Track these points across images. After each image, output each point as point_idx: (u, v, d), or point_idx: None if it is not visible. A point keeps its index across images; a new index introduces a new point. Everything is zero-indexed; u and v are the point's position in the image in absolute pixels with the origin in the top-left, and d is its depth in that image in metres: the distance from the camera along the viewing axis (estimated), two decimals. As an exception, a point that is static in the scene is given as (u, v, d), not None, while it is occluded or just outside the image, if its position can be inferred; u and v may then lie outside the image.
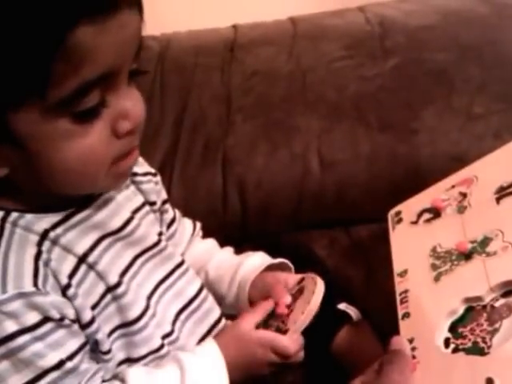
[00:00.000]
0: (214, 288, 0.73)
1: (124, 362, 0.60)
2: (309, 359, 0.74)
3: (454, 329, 0.56)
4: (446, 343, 0.55)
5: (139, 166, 0.68)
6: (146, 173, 0.70)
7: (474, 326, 0.55)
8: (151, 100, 1.09)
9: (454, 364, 0.52)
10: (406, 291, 0.63)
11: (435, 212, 0.72)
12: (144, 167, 0.70)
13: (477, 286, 0.57)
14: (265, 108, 1.07)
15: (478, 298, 0.57)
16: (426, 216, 0.73)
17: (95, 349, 0.56)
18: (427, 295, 0.61)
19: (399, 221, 0.77)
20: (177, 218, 0.76)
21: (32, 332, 0.50)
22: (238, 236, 0.75)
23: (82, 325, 0.55)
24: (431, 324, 0.57)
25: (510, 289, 0.55)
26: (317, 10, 1.26)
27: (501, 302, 0.55)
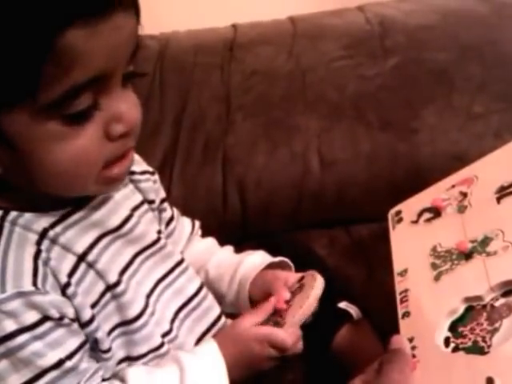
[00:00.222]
0: (214, 287, 0.73)
1: (124, 361, 0.60)
2: (309, 357, 0.74)
3: (454, 328, 0.56)
4: (446, 342, 0.55)
5: (137, 165, 0.68)
6: (143, 171, 0.69)
7: (474, 326, 0.55)
8: (150, 99, 1.09)
9: (454, 363, 0.52)
10: (406, 290, 0.63)
11: (435, 211, 0.72)
12: (142, 166, 0.70)
13: (477, 285, 0.57)
14: (265, 107, 1.07)
15: (478, 298, 0.57)
16: (427, 215, 0.73)
17: (95, 347, 0.56)
18: (427, 294, 0.61)
19: (399, 220, 0.77)
20: (175, 217, 0.76)
21: (31, 331, 0.50)
22: (237, 235, 0.75)
23: (82, 323, 0.55)
24: (431, 323, 0.57)
25: (510, 288, 0.55)
26: (316, 9, 1.26)
27: (501, 301, 0.55)
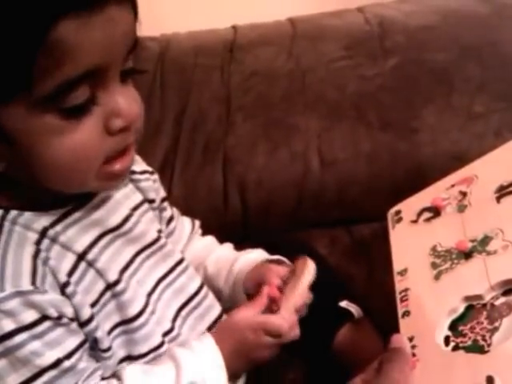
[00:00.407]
0: (213, 283, 0.73)
1: (125, 360, 0.60)
2: (310, 357, 0.74)
3: (454, 327, 0.56)
4: (446, 341, 0.55)
5: (137, 165, 0.68)
6: (143, 171, 0.70)
7: (474, 325, 0.55)
8: (151, 100, 1.09)
9: (454, 362, 0.52)
10: (406, 290, 0.63)
11: (435, 211, 0.73)
12: (141, 166, 0.70)
13: (477, 284, 0.58)
14: (265, 108, 1.07)
15: (478, 297, 0.57)
16: (426, 215, 0.73)
17: (94, 347, 0.56)
18: (427, 294, 0.61)
19: (399, 220, 0.77)
20: (175, 216, 0.76)
21: (29, 330, 0.50)
22: (238, 235, 0.75)
23: (81, 323, 0.55)
24: (431, 322, 0.57)
25: (510, 287, 0.56)
26: (316, 10, 1.26)
27: (501, 300, 0.55)
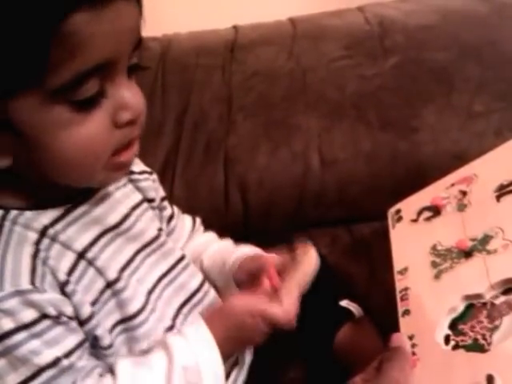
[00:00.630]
0: (209, 276, 0.73)
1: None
2: (310, 356, 0.74)
3: (454, 326, 0.56)
4: (446, 340, 0.55)
5: (135, 166, 0.68)
6: (142, 171, 0.70)
7: (474, 323, 0.55)
8: (153, 100, 1.09)
9: (454, 361, 0.52)
10: (406, 289, 0.64)
11: (435, 210, 0.73)
12: (140, 166, 0.70)
13: (477, 283, 0.58)
14: (265, 107, 1.07)
15: (478, 296, 0.57)
16: (426, 214, 0.73)
17: (95, 345, 0.56)
18: (427, 292, 0.61)
19: (399, 219, 0.77)
20: (175, 215, 0.76)
21: (28, 329, 0.50)
22: (239, 235, 0.75)
23: (81, 321, 0.55)
24: (431, 321, 0.57)
25: (510, 286, 0.56)
26: (316, 10, 1.26)
27: (501, 299, 0.55)
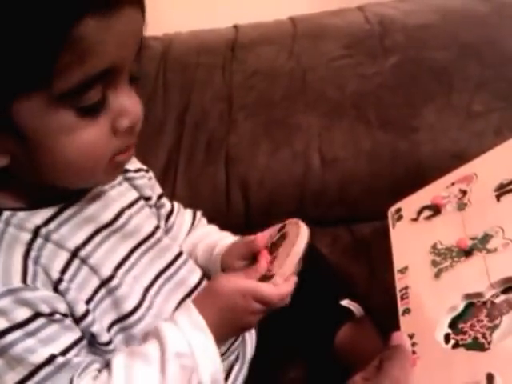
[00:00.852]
0: (204, 269, 0.72)
1: None
2: (311, 355, 0.75)
3: (454, 325, 0.56)
4: (447, 339, 0.55)
5: (130, 164, 0.68)
6: (138, 169, 0.70)
7: (474, 322, 0.55)
8: (154, 99, 1.10)
9: (454, 359, 0.52)
10: (406, 287, 0.64)
11: (435, 209, 0.73)
12: (135, 164, 0.71)
13: (477, 282, 0.58)
14: (266, 106, 1.07)
15: (478, 295, 0.57)
16: (426, 213, 0.73)
17: (93, 342, 0.56)
18: (428, 291, 0.62)
19: (399, 218, 0.77)
20: (175, 211, 0.76)
21: (23, 328, 0.50)
22: (240, 233, 0.75)
23: (76, 318, 0.55)
24: (431, 320, 0.57)
25: (510, 285, 0.56)
26: (316, 10, 1.26)
27: (501, 298, 0.55)
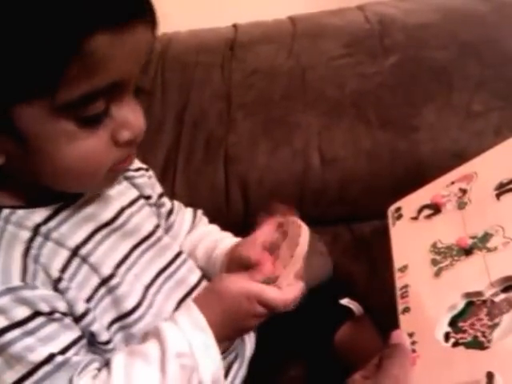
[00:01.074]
0: (205, 272, 0.72)
1: None
2: (311, 354, 0.75)
3: (454, 323, 0.56)
4: (446, 337, 0.55)
5: None
6: (138, 168, 0.71)
7: (474, 321, 0.55)
8: (153, 98, 1.10)
9: (454, 358, 0.52)
10: (406, 286, 0.64)
11: (435, 208, 0.73)
12: (136, 163, 0.70)
13: (477, 281, 0.58)
14: (265, 105, 1.07)
15: (478, 293, 0.57)
16: (426, 212, 0.73)
17: (93, 341, 0.56)
18: (427, 290, 0.62)
19: (399, 217, 0.77)
20: (175, 210, 0.76)
21: (22, 327, 0.50)
22: (240, 232, 0.75)
23: (76, 317, 0.55)
24: (431, 318, 0.57)
25: (510, 284, 0.56)
26: (316, 9, 1.26)
27: (501, 296, 0.55)
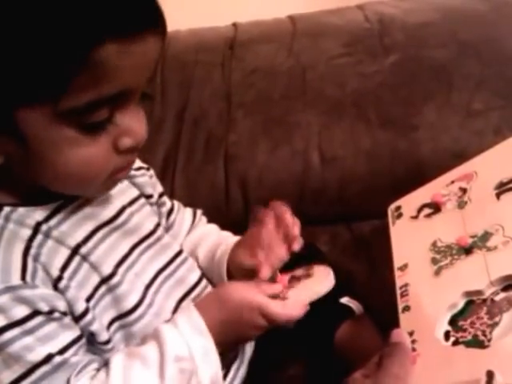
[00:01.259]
0: (206, 273, 0.72)
1: None
2: (311, 353, 0.74)
3: (454, 322, 0.56)
4: (446, 336, 0.55)
5: None
6: (139, 167, 0.71)
7: (474, 320, 0.55)
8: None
9: (454, 357, 0.52)
10: (406, 285, 0.64)
11: (435, 207, 0.73)
12: (137, 163, 0.70)
13: (477, 279, 0.58)
14: (265, 105, 1.07)
15: (478, 292, 0.57)
16: (426, 211, 0.73)
17: (92, 340, 0.56)
18: (427, 289, 0.62)
19: (399, 216, 0.77)
20: (175, 209, 0.77)
21: (21, 326, 0.50)
22: (240, 232, 0.75)
23: (76, 317, 0.55)
24: (431, 317, 0.57)
25: (510, 283, 0.56)
26: (316, 8, 1.26)
27: (501, 295, 0.55)
